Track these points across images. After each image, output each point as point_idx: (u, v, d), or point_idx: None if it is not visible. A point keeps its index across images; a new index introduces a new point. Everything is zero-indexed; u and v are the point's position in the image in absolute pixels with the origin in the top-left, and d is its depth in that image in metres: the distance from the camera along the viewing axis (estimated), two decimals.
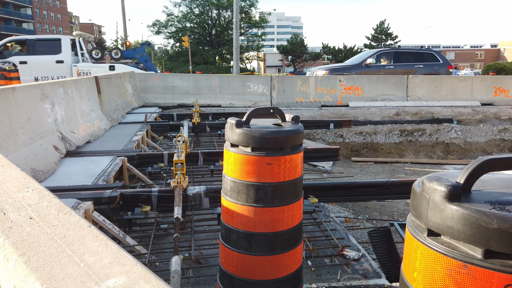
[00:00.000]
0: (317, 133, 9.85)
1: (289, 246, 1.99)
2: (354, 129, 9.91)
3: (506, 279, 0.94)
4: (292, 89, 11.71)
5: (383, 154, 9.56)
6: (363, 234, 4.62)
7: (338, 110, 10.72)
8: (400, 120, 10.35)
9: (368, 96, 11.68)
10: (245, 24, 43.26)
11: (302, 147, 2.08)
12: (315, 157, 6.82)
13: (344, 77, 12.02)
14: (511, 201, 1.02)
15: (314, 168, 7.95)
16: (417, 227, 1.13)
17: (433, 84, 11.83)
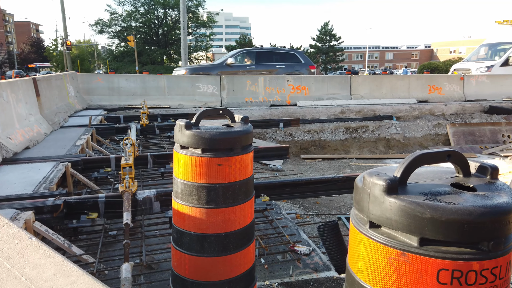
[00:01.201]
0: (268, 132, 9.99)
1: (242, 246, 2.01)
2: (302, 127, 10.17)
3: (439, 264, 1.03)
4: (241, 89, 11.77)
5: (330, 151, 9.90)
6: (313, 229, 4.75)
7: (287, 109, 10.94)
8: (345, 118, 10.78)
9: (315, 95, 12.02)
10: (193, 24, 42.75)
11: (252, 147, 2.11)
12: (266, 156, 6.92)
13: (291, 77, 12.28)
14: (442, 192, 1.12)
15: (266, 167, 8.06)
16: (360, 220, 1.20)
17: (374, 83, 12.45)
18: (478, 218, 1.00)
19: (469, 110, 11.59)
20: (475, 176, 1.23)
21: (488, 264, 1.03)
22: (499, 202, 1.05)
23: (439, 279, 1.03)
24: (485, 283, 1.03)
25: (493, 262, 1.04)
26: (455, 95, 12.66)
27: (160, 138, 7.81)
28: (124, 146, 3.97)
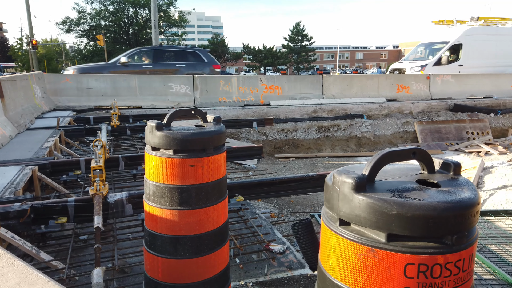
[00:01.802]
0: (242, 132, 9.99)
1: (216, 246, 2.00)
2: (276, 127, 10.23)
3: (406, 259, 1.06)
4: (215, 89, 11.71)
5: (304, 150, 10.01)
6: (287, 227, 4.80)
7: (261, 109, 10.97)
8: (317, 117, 10.92)
9: (287, 94, 12.12)
10: (164, 23, 42.15)
11: (224, 147, 2.11)
12: (240, 156, 6.91)
13: (264, 76, 12.33)
14: (407, 188, 1.15)
15: (240, 167, 8.06)
16: (330, 218, 1.22)
17: (345, 82, 12.67)
18: (441, 213, 1.04)
19: (435, 108, 11.99)
20: (439, 172, 1.28)
21: (452, 257, 1.07)
22: (462, 197, 1.09)
23: (406, 273, 1.06)
24: (450, 275, 1.08)
25: (456, 255, 1.08)
26: (422, 94, 13.07)
27: (132, 139, 7.66)
28: (94, 148, 3.88)
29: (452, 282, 1.08)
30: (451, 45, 17.44)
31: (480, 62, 17.21)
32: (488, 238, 3.26)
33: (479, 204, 1.11)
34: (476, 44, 17.46)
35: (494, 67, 17.16)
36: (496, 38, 18.01)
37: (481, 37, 17.75)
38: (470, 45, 17.39)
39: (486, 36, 17.94)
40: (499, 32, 18.45)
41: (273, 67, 52.02)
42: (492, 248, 3.09)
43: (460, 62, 17.23)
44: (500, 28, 18.89)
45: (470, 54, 17.31)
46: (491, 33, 18.22)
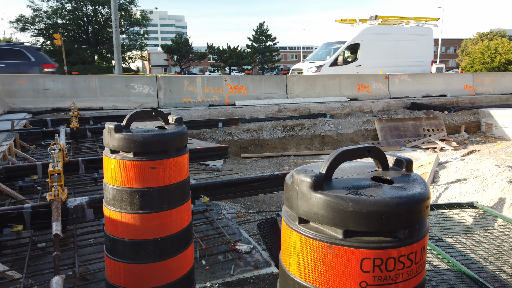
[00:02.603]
0: (207, 133, 9.93)
1: (179, 249, 1.98)
2: (241, 126, 10.25)
3: (362, 254, 1.10)
4: (179, 90, 11.56)
5: (269, 149, 10.09)
6: (254, 227, 4.82)
7: (226, 109, 10.95)
8: (282, 116, 11.04)
9: (252, 94, 12.16)
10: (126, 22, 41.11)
11: (187, 149, 2.09)
12: (206, 157, 6.87)
13: (229, 77, 12.31)
14: (363, 185, 1.19)
15: (206, 167, 8.01)
16: (290, 217, 1.24)
17: (308, 82, 12.88)
18: (394, 208, 1.09)
19: (394, 106, 12.45)
20: (393, 169, 1.33)
21: (405, 250, 1.12)
22: (413, 193, 1.14)
23: (362, 267, 1.10)
24: (403, 268, 1.12)
25: (409, 249, 1.13)
26: (381, 93, 13.52)
27: (93, 141, 7.42)
28: (52, 152, 3.72)
29: (406, 274, 1.13)
30: (349, 45, 16.88)
31: (379, 61, 16.64)
32: (443, 230, 3.42)
33: (429, 199, 1.17)
34: (373, 44, 16.89)
35: (394, 67, 16.52)
36: (396, 37, 17.46)
37: (379, 37, 17.13)
38: (367, 45, 16.83)
39: (384, 35, 17.32)
40: (398, 31, 17.84)
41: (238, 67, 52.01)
42: (447, 239, 3.25)
43: (358, 62, 16.72)
44: (398, 27, 18.25)
45: (368, 54, 16.75)
46: (390, 32, 17.57)
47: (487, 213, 3.77)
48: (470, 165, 6.09)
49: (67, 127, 7.30)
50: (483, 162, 6.34)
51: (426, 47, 18.25)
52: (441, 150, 9.81)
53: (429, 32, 18.50)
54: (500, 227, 3.47)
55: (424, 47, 18.10)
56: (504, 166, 5.94)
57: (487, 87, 15.06)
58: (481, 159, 6.98)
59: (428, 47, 18.40)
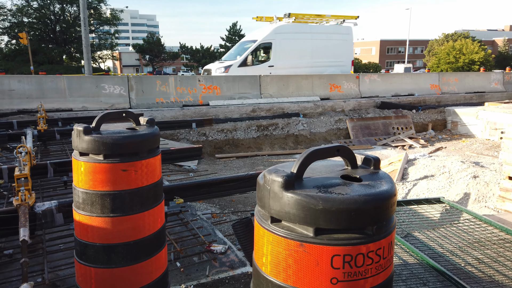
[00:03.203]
0: (181, 133, 9.83)
1: (153, 252, 1.96)
2: (216, 127, 10.21)
3: (332, 251, 1.13)
4: (151, 90, 11.38)
5: (244, 149, 10.10)
6: (229, 227, 4.82)
7: (200, 109, 10.88)
8: (256, 116, 11.07)
9: (226, 94, 12.13)
10: (95, 21, 40.07)
11: (159, 150, 2.07)
12: (180, 157, 6.80)
13: (203, 77, 12.23)
14: (332, 184, 1.22)
15: (180, 168, 7.94)
16: (262, 216, 1.26)
17: (282, 82, 12.98)
18: (362, 205, 1.12)
19: (365, 105, 12.73)
20: (361, 167, 1.37)
21: (373, 246, 1.15)
22: (380, 190, 1.18)
23: (333, 264, 1.12)
24: (372, 263, 1.16)
25: (377, 244, 1.16)
26: (353, 92, 13.80)
27: (62, 144, 7.20)
28: (18, 155, 3.59)
29: (374, 270, 1.17)
30: (260, 45, 15.66)
31: (294, 62, 15.58)
32: (412, 225, 3.54)
33: (395, 196, 1.21)
34: (287, 43, 15.64)
35: (311, 68, 15.65)
36: (312, 36, 16.22)
37: (293, 35, 15.87)
38: (280, 44, 15.55)
39: (299, 34, 16.05)
40: (314, 30, 16.58)
41: None
42: (416, 234, 3.36)
43: (270, 63, 15.46)
44: (315, 25, 16.97)
45: (282, 54, 15.57)
46: (305, 31, 16.27)
47: (453, 207, 3.93)
48: (437, 162, 6.31)
49: (34, 129, 7.04)
50: (449, 158, 6.59)
51: (345, 46, 17.04)
52: (410, 147, 10.12)
53: (348, 31, 17.30)
54: (465, 221, 3.62)
55: (343, 47, 16.91)
56: (469, 162, 6.19)
57: (452, 86, 15.63)
58: (447, 156, 7.25)
59: (348, 47, 17.20)
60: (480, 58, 37.62)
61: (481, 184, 5.20)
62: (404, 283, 2.61)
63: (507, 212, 4.02)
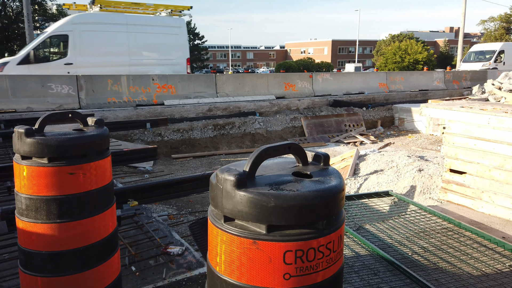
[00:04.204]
0: (135, 134, 9.57)
1: (104, 257, 1.90)
2: (171, 126, 10.04)
3: (285, 247, 1.15)
4: (102, 89, 10.96)
5: (201, 149, 10.02)
6: (187, 228, 4.76)
7: (154, 108, 10.64)
8: (212, 115, 11.01)
9: (182, 94, 11.96)
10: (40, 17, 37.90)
11: (109, 151, 2.00)
12: (134, 159, 6.64)
13: (156, 75, 11.96)
14: (284, 181, 1.24)
15: (135, 170, 7.73)
16: (216, 216, 1.26)
17: (238, 81, 13.01)
18: (312, 201, 1.15)
19: (318, 104, 13.06)
20: (312, 164, 1.40)
21: (323, 240, 1.19)
22: (329, 185, 1.22)
23: (285, 260, 1.15)
24: (322, 257, 1.19)
25: (327, 238, 1.20)
26: (306, 91, 14.11)
27: (5, 147, 6.76)
28: None
29: (325, 263, 1.21)
30: (50, 37, 12.68)
31: (102, 59, 12.81)
32: (364, 219, 3.68)
33: (344, 191, 1.26)
34: (90, 36, 12.74)
35: (129, 66, 13.21)
36: (127, 28, 13.30)
37: (99, 27, 12.92)
38: (80, 37, 12.60)
39: (108, 25, 13.10)
40: (129, 21, 13.57)
41: None
42: (367, 227, 3.50)
43: (68, 59, 12.47)
44: (131, 16, 14.01)
45: (83, 49, 12.67)
46: (117, 22, 13.35)
47: (401, 200, 4.14)
48: (385, 157, 6.61)
49: None
50: (397, 153, 6.93)
51: (177, 42, 14.15)
52: (361, 144, 10.51)
53: (180, 24, 14.45)
54: (412, 212, 3.83)
55: (174, 43, 14.08)
56: (415, 157, 6.54)
57: (398, 84, 16.42)
58: (395, 151, 7.62)
59: (181, 43, 14.30)
60: (424, 58, 39.80)
61: (425, 177, 5.52)
62: (357, 274, 2.71)
63: (449, 202, 4.30)
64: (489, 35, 45.82)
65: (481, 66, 24.14)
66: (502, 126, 3.71)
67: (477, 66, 24.27)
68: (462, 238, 3.28)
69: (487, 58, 25.26)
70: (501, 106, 4.57)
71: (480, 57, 25.83)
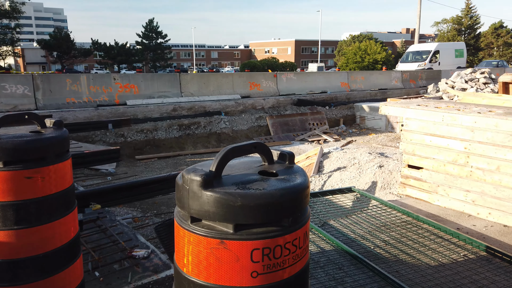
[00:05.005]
0: (96, 135, 9.27)
1: (66, 264, 1.83)
2: (135, 127, 9.82)
3: (252, 245, 1.16)
4: (61, 89, 10.54)
5: (166, 149, 9.86)
6: (152, 230, 4.68)
7: (116, 109, 10.36)
8: (177, 115, 10.87)
9: (145, 93, 11.72)
10: None
11: (69, 154, 1.94)
12: (96, 161, 6.46)
13: (118, 75, 11.67)
14: (250, 180, 1.26)
15: (97, 172, 7.49)
16: (182, 217, 1.25)
17: (202, 80, 12.92)
18: (279, 199, 1.17)
19: (283, 103, 13.21)
20: (277, 162, 1.43)
21: (290, 237, 1.21)
22: (295, 183, 1.25)
23: (252, 258, 1.16)
24: (289, 254, 1.22)
25: (293, 235, 1.23)
26: (271, 90, 14.24)
27: None
28: None
29: (292, 260, 1.23)
30: None
31: None
32: (328, 215, 3.78)
33: (308, 188, 1.29)
34: None
35: None
36: None
37: None
38: None
39: None
40: None
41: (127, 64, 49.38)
42: (331, 222, 3.59)
43: None
44: None
45: None
46: None
47: (363, 196, 4.27)
48: (348, 154, 6.80)
49: None
50: (359, 151, 7.15)
51: None
52: (325, 142, 10.74)
53: None
54: (374, 207, 3.97)
55: None
56: (375, 154, 6.78)
57: (359, 84, 16.92)
58: (357, 149, 7.86)
59: None
60: (382, 58, 41.19)
61: (385, 173, 5.73)
62: (322, 269, 2.77)
63: (408, 196, 4.49)
64: (442, 36, 48.16)
65: (417, 66, 24.52)
66: (455, 123, 3.92)
67: (414, 66, 24.66)
68: (420, 231, 3.44)
69: (424, 58, 25.66)
70: (454, 104, 4.83)
71: (417, 57, 26.23)
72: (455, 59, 26.82)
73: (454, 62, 26.31)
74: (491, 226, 3.71)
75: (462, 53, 28.02)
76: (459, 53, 27.64)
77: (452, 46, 29.21)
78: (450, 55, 26.76)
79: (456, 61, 26.74)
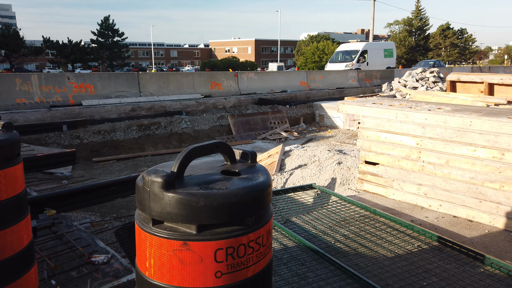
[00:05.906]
0: (50, 137, 8.85)
1: (20, 273, 1.74)
2: (91, 128, 9.47)
3: (215, 245, 1.16)
4: (10, 89, 9.95)
5: (125, 151, 9.59)
6: (112, 234, 4.55)
7: (71, 109, 9.94)
8: (136, 115, 10.60)
9: (102, 93, 11.33)
10: None
11: (20, 157, 1.84)
12: (50, 164, 6.19)
13: (73, 74, 11.20)
14: (213, 180, 1.26)
15: (51, 176, 7.16)
16: (143, 220, 1.23)
17: (162, 80, 12.67)
18: (241, 198, 1.18)
19: (244, 102, 13.25)
20: (240, 162, 1.44)
21: (253, 235, 1.23)
22: (257, 182, 1.26)
23: (216, 258, 1.16)
24: (252, 252, 1.23)
25: (257, 233, 1.24)
26: (232, 89, 14.23)
27: None
28: None
29: (255, 258, 1.25)
30: None
31: None
32: (290, 212, 3.84)
33: (271, 186, 1.31)
34: None
35: None
36: None
37: None
38: None
39: None
40: None
41: (82, 63, 47.43)
42: (293, 219, 3.66)
43: None
44: None
45: None
46: None
47: (323, 192, 4.39)
48: (308, 152, 6.95)
49: None
50: (318, 148, 7.32)
51: None
52: (286, 140, 10.89)
53: None
54: (334, 203, 4.09)
55: None
56: (334, 151, 6.97)
57: (318, 83, 17.30)
58: (317, 146, 8.04)
59: None
60: None
61: (344, 169, 5.91)
62: (286, 266, 2.82)
63: (365, 191, 4.66)
64: (395, 37, 50.25)
65: (344, 66, 23.64)
66: (407, 120, 4.12)
67: (342, 66, 23.80)
68: (377, 224, 3.58)
69: (352, 58, 24.76)
70: (407, 102, 5.06)
71: (346, 57, 25.27)
72: (384, 59, 25.84)
73: (383, 62, 25.27)
74: (442, 217, 3.93)
75: (392, 53, 27.05)
76: (388, 53, 26.63)
77: (381, 45, 28.32)
78: (379, 55, 25.73)
79: (385, 61, 25.81)
